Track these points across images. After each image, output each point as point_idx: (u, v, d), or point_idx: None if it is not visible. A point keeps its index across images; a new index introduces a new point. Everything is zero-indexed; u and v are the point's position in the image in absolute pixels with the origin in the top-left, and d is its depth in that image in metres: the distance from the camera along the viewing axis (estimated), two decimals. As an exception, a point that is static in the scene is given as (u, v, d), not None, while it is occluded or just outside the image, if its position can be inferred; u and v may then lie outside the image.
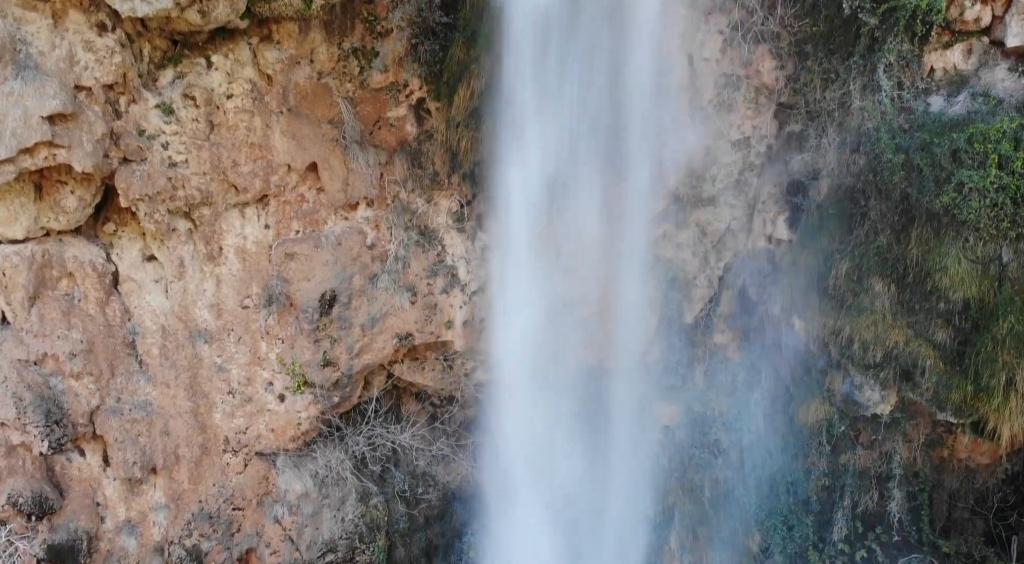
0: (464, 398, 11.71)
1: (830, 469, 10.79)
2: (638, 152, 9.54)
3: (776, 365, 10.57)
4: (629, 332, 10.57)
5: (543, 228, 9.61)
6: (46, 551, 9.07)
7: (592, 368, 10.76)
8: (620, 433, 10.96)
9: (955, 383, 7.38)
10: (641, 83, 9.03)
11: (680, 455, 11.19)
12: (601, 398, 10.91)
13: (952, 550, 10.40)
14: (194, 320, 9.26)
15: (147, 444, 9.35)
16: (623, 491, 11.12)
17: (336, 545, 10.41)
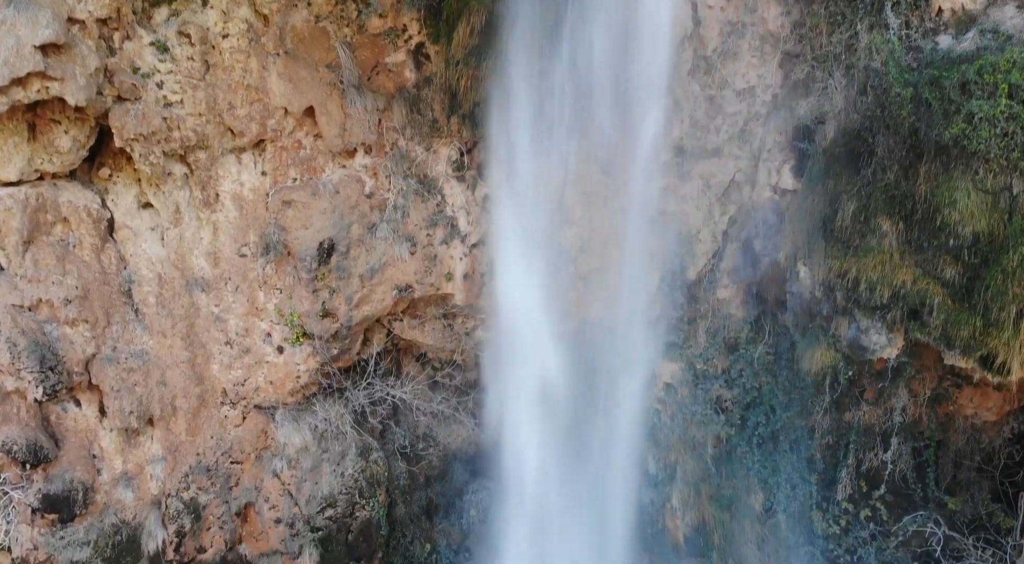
0: (465, 361, 11.58)
1: (834, 427, 10.63)
2: (643, 100, 9.37)
3: (780, 319, 10.42)
4: (631, 288, 10.40)
5: (545, 177, 9.46)
6: (41, 500, 8.94)
7: (594, 323, 10.60)
8: (622, 390, 10.81)
9: (964, 319, 7.21)
10: (652, 28, 8.84)
11: (682, 412, 11.04)
12: (603, 354, 10.75)
13: (958, 507, 10.23)
14: (191, 268, 9.11)
15: (144, 394, 9.21)
16: (625, 448, 10.98)
17: (336, 500, 10.27)
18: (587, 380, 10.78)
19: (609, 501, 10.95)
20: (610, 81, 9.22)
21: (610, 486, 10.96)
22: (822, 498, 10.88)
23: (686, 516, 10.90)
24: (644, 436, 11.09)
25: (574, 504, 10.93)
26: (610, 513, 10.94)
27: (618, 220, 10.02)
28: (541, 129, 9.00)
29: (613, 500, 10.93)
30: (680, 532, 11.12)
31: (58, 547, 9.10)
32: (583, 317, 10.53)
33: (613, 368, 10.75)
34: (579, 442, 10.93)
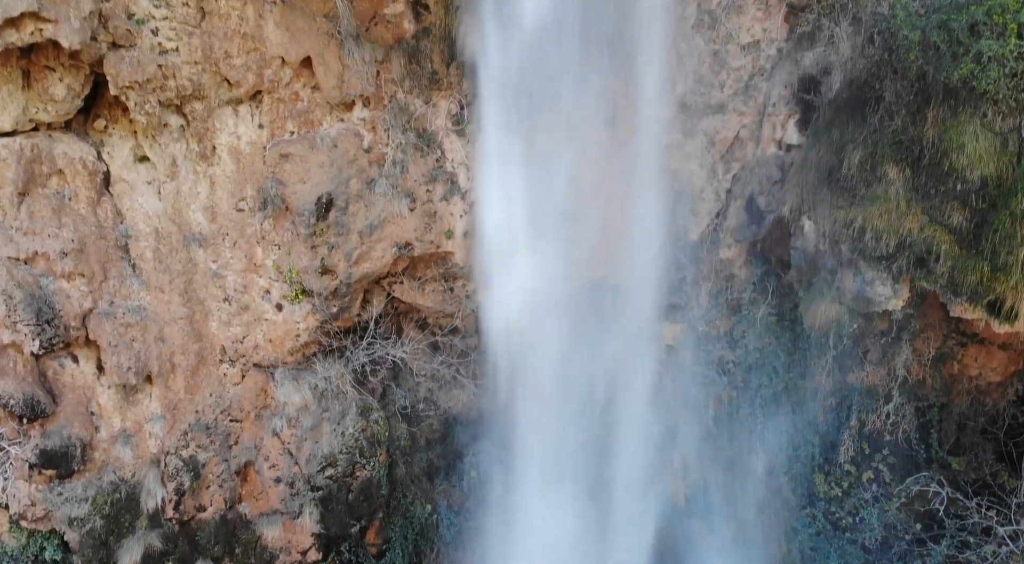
0: (465, 326, 11.46)
1: (837, 388, 10.54)
2: (646, 55, 9.21)
3: (784, 279, 10.30)
4: (633, 248, 10.26)
5: (547, 132, 9.30)
6: (38, 456, 8.86)
7: (596, 283, 10.48)
8: (623, 353, 10.70)
9: (971, 265, 7.07)
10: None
11: (684, 374, 10.94)
12: (604, 316, 10.64)
13: (962, 467, 10.15)
14: (188, 223, 8.98)
15: (141, 350, 9.10)
16: (626, 411, 10.89)
17: (336, 459, 10.20)
18: (589, 344, 10.68)
19: (612, 463, 10.88)
20: (613, 35, 9.06)
21: (612, 448, 10.89)
22: (824, 460, 10.80)
23: (688, 476, 10.83)
24: (646, 398, 11.01)
25: (576, 468, 10.86)
26: (612, 474, 10.87)
27: (621, 178, 9.87)
28: (544, 80, 8.84)
29: (615, 461, 10.86)
30: (682, 493, 11.05)
31: (56, 503, 9.03)
32: (584, 278, 10.40)
33: (614, 331, 10.65)
34: (581, 405, 10.85)
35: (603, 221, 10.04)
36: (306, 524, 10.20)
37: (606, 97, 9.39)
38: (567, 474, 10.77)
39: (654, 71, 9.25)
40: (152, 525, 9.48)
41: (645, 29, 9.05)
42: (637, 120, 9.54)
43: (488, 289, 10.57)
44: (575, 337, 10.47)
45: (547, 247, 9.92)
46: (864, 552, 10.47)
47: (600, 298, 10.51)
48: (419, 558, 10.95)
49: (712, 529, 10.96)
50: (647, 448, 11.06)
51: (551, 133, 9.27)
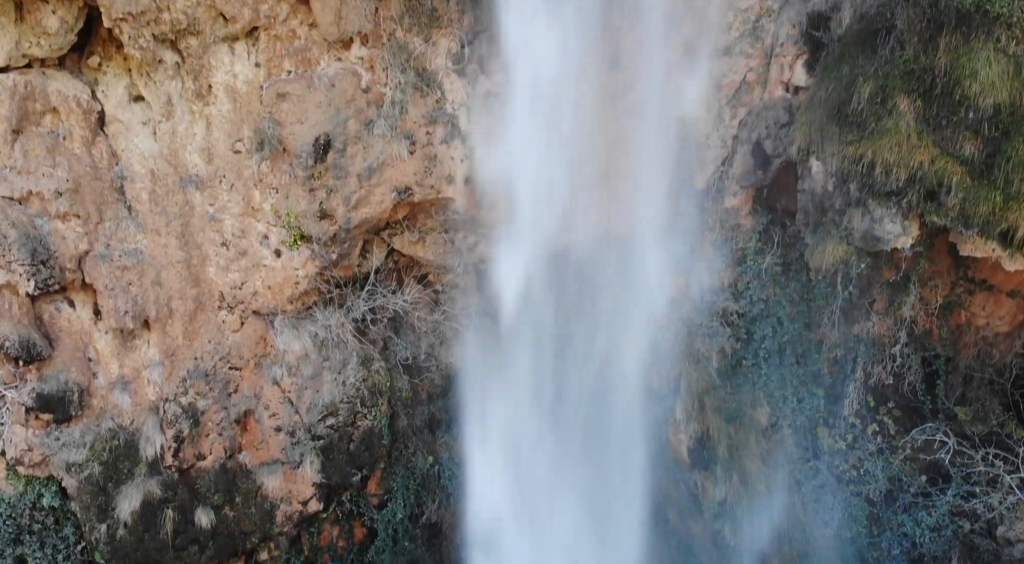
0: (466, 283, 11.29)
1: (842, 340, 10.33)
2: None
3: (789, 228, 10.09)
4: (637, 197, 10.03)
5: (549, 72, 9.06)
6: (35, 399, 8.71)
7: (598, 235, 10.27)
8: (625, 305, 10.52)
9: (983, 195, 6.85)
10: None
11: (687, 326, 10.74)
12: (606, 269, 10.45)
13: (968, 417, 9.95)
14: (184, 165, 8.78)
15: (138, 294, 8.94)
16: (627, 363, 10.73)
17: (337, 409, 10.05)
18: (591, 297, 10.51)
19: (613, 414, 10.73)
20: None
21: (613, 400, 10.74)
22: (828, 413, 10.62)
23: (689, 428, 10.65)
24: (648, 350, 10.84)
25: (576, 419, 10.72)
26: (614, 426, 10.73)
27: (625, 123, 9.64)
28: (547, 19, 8.59)
29: (616, 412, 10.71)
30: (683, 446, 10.89)
31: (53, 448, 8.91)
32: (587, 227, 10.20)
33: (616, 283, 10.46)
34: (582, 358, 10.69)
35: (606, 168, 9.83)
36: (307, 473, 10.09)
37: (612, 40, 9.14)
38: (567, 426, 10.64)
39: (659, 12, 8.99)
40: (151, 472, 9.35)
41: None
42: (642, 63, 9.29)
43: (489, 241, 10.40)
44: (576, 291, 10.29)
45: (549, 196, 9.72)
46: (869, 504, 10.32)
47: (602, 250, 10.31)
48: (421, 509, 10.84)
49: (715, 481, 10.81)
50: (647, 400, 10.91)
51: (556, 72, 9.02)
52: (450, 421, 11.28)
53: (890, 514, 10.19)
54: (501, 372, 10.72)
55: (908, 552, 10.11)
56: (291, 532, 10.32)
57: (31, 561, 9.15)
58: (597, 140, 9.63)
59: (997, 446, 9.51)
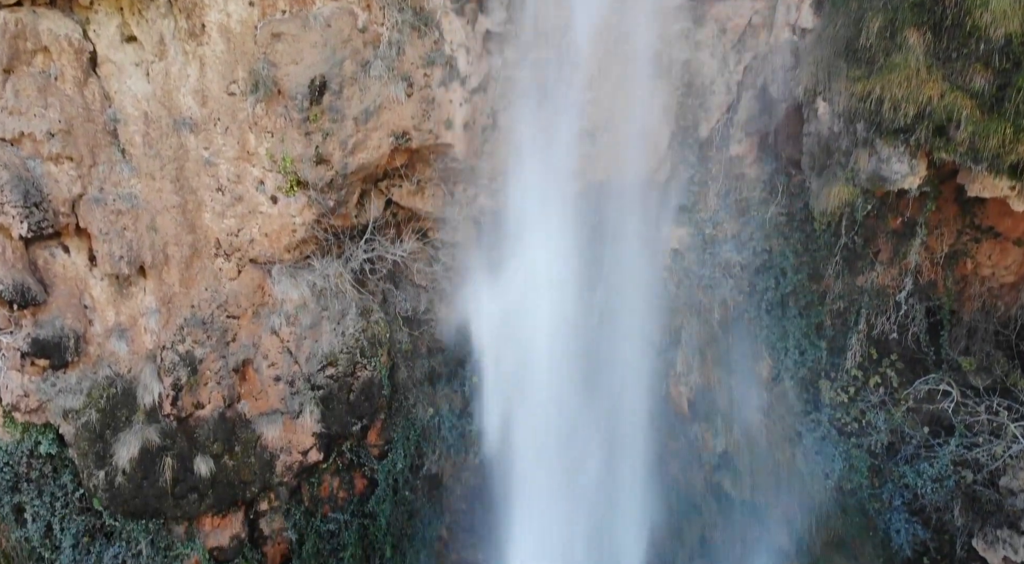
0: (466, 238, 11.13)
1: (846, 291, 10.14)
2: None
3: (794, 178, 9.89)
4: (640, 145, 9.79)
5: (550, 12, 8.81)
6: (30, 344, 8.59)
7: (600, 185, 10.03)
8: (627, 257, 10.35)
9: (993, 128, 6.63)
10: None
11: (689, 278, 10.57)
12: (608, 220, 10.27)
13: (973, 367, 9.79)
14: (178, 107, 8.57)
15: (134, 239, 8.78)
16: (629, 316, 10.58)
17: (336, 359, 9.93)
18: (592, 247, 10.31)
19: (614, 367, 10.61)
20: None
21: (615, 353, 10.61)
22: (830, 366, 10.46)
23: (690, 380, 10.53)
24: (649, 303, 10.70)
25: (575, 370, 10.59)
26: (615, 379, 10.61)
27: (628, 67, 9.39)
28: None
29: (618, 366, 10.59)
30: (684, 398, 10.77)
31: (50, 394, 8.80)
32: (589, 178, 10.00)
33: (618, 234, 10.28)
34: (582, 309, 10.53)
35: (608, 114, 9.60)
36: (307, 423, 10.00)
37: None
38: (566, 379, 10.50)
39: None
40: (149, 420, 9.25)
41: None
42: (646, 3, 9.03)
43: (489, 192, 10.22)
44: (576, 243, 10.11)
45: (551, 142, 9.52)
46: (870, 456, 10.20)
47: (603, 202, 10.12)
48: (421, 459, 10.77)
49: (715, 433, 10.72)
50: (648, 352, 10.79)
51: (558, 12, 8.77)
52: (450, 375, 11.19)
53: (891, 466, 10.08)
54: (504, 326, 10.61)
55: (909, 503, 10.02)
56: (291, 482, 10.26)
57: (29, 509, 9.09)
58: (600, 86, 9.40)
59: (1001, 395, 9.36)
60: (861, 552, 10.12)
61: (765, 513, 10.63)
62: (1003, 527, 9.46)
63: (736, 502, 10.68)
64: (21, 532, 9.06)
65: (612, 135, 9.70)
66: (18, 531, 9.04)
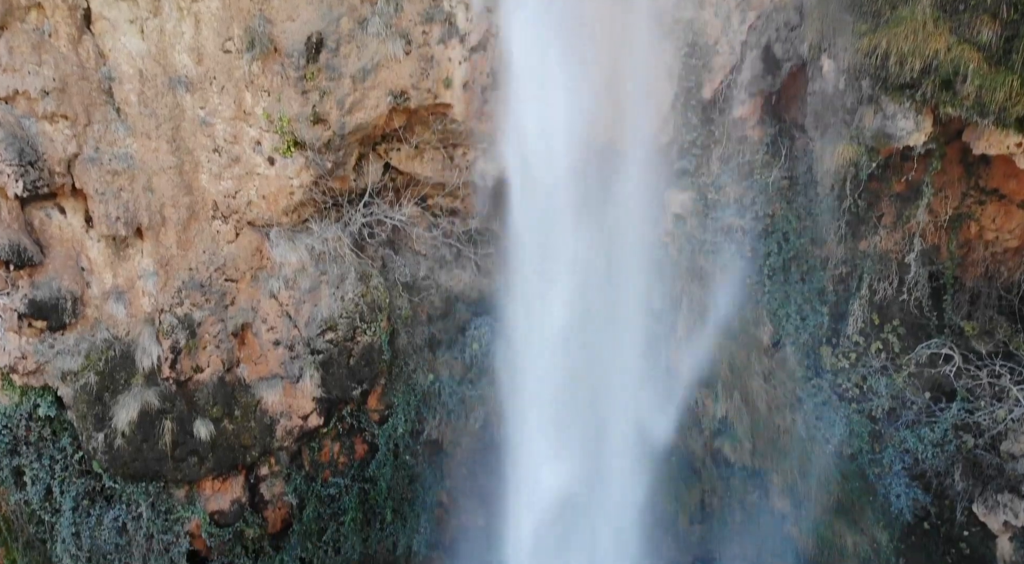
0: (466, 207, 11.05)
1: (849, 256, 10.06)
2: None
3: (798, 140, 9.77)
4: (642, 106, 9.68)
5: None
6: (27, 306, 8.53)
7: (601, 149, 9.93)
8: (627, 224, 10.27)
9: (999, 81, 6.51)
10: None
11: (690, 243, 10.50)
12: (610, 185, 10.16)
13: (975, 331, 9.74)
14: (173, 65, 8.44)
15: (130, 200, 8.69)
16: (629, 281, 10.52)
17: (336, 323, 9.88)
18: (593, 214, 10.23)
19: (615, 330, 10.55)
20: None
21: (615, 318, 10.54)
22: (832, 332, 10.41)
23: (691, 343, 10.50)
24: (650, 268, 10.63)
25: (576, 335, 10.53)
26: (615, 343, 10.56)
27: (630, 26, 9.23)
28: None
29: (618, 329, 10.53)
30: (685, 362, 10.75)
31: (48, 355, 8.75)
32: (591, 141, 9.88)
33: (620, 199, 10.18)
34: (583, 276, 10.46)
35: (611, 74, 9.46)
36: (307, 388, 9.96)
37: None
38: (566, 344, 10.46)
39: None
40: (148, 383, 9.21)
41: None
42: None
43: (489, 157, 10.12)
44: (577, 209, 10.01)
45: (551, 105, 9.39)
46: (871, 421, 10.16)
47: (604, 166, 10.01)
48: (421, 424, 10.74)
49: (715, 399, 10.69)
50: (648, 317, 10.73)
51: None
52: (451, 341, 11.14)
53: (892, 431, 10.04)
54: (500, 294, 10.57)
55: (909, 468, 9.99)
56: (291, 447, 10.25)
57: (28, 472, 9.08)
58: (601, 45, 9.25)
59: (1004, 359, 9.31)
60: (861, 517, 10.12)
61: (765, 478, 10.62)
62: (1004, 491, 9.44)
63: (736, 467, 10.67)
64: (20, 495, 9.05)
65: (614, 97, 9.57)
66: (17, 494, 9.03)
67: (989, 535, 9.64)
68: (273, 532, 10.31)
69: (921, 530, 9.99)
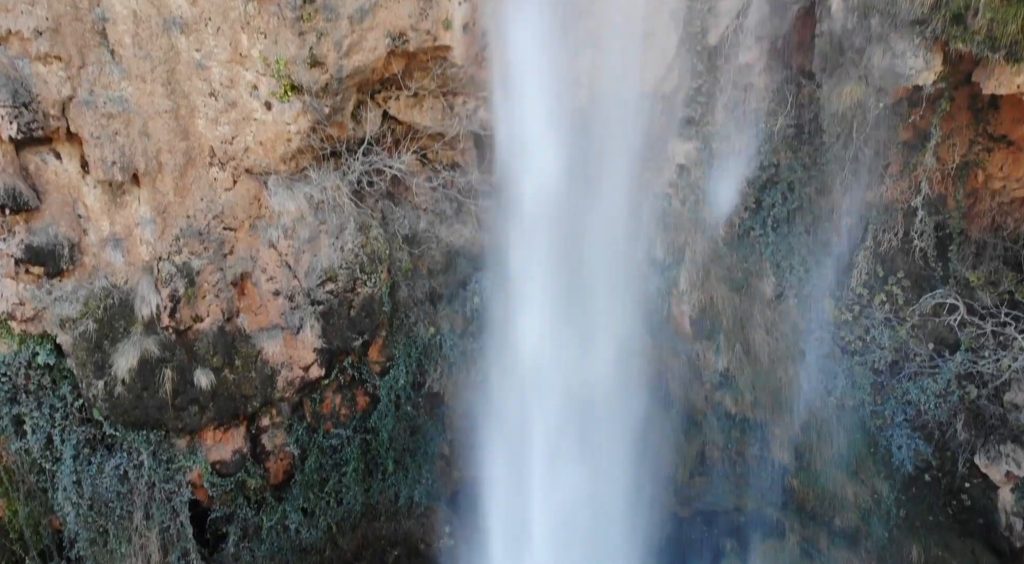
0: (465, 161, 10.92)
1: (854, 206, 9.94)
2: None
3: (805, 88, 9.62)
4: (647, 52, 9.54)
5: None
6: (24, 251, 8.44)
7: (603, 97, 9.79)
8: (629, 175, 10.14)
9: (1011, 13, 6.33)
10: None
11: (694, 194, 10.40)
12: (613, 134, 10.01)
13: (980, 281, 9.67)
14: (167, 6, 8.24)
15: (125, 144, 8.56)
16: (632, 234, 10.42)
17: (336, 274, 9.80)
18: (594, 165, 10.09)
19: (616, 286, 10.48)
20: None
21: (615, 272, 10.46)
22: (836, 284, 10.34)
23: (692, 298, 10.39)
24: (653, 222, 10.53)
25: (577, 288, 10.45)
26: (615, 298, 10.49)
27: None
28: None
29: (618, 284, 10.45)
30: (685, 317, 10.64)
31: (46, 301, 8.69)
32: (594, 88, 9.72)
33: (621, 152, 10.04)
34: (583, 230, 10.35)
35: (614, 19, 9.27)
36: (307, 338, 9.91)
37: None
38: (565, 298, 10.36)
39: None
40: (148, 332, 9.15)
41: None
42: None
43: (489, 105, 9.96)
44: (576, 161, 9.86)
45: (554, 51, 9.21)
46: (873, 373, 10.12)
47: (608, 114, 9.85)
48: (422, 377, 10.71)
49: (716, 352, 10.65)
50: (653, 271, 10.65)
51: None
52: (451, 295, 11.08)
53: (895, 383, 10.01)
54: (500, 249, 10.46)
55: (911, 420, 9.98)
56: (293, 399, 10.24)
57: (29, 421, 9.05)
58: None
59: (1009, 307, 9.25)
60: (862, 468, 10.13)
61: (765, 430, 10.62)
62: (1007, 442, 9.44)
63: (736, 419, 10.67)
64: (21, 444, 9.05)
65: (619, 42, 9.38)
66: (17, 443, 9.03)
67: (991, 486, 9.65)
68: (275, 483, 10.34)
69: (922, 482, 10.01)
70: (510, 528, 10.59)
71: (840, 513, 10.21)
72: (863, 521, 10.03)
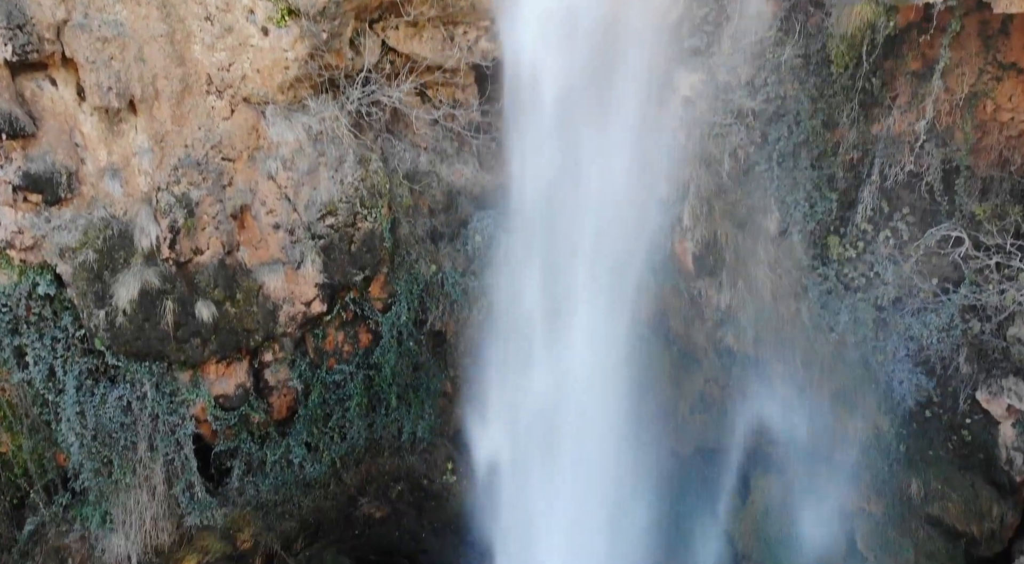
0: (466, 99, 10.77)
1: (860, 139, 9.83)
2: None
3: (812, 16, 9.43)
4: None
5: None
6: (22, 178, 8.34)
7: (607, 25, 9.59)
8: (633, 105, 9.98)
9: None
10: None
11: (699, 128, 10.25)
12: (615, 67, 9.83)
13: (987, 214, 9.58)
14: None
15: (121, 69, 8.42)
16: (635, 171, 10.29)
17: (336, 208, 9.71)
18: (597, 95, 9.92)
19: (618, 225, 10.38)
20: None
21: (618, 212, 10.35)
22: (840, 220, 10.27)
23: (696, 234, 10.31)
24: (656, 154, 10.39)
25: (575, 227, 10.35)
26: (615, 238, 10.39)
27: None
28: None
29: (619, 225, 10.35)
30: (688, 254, 10.57)
31: (45, 229, 8.62)
32: (595, 14, 9.50)
33: (625, 81, 9.87)
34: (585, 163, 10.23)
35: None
36: (309, 273, 9.87)
37: None
38: (567, 235, 10.29)
39: None
40: (148, 263, 9.08)
41: None
42: None
43: (491, 35, 9.79)
44: (577, 92, 9.70)
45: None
46: (876, 309, 10.08)
47: (608, 45, 9.66)
48: (424, 314, 10.69)
49: (719, 288, 10.60)
50: (656, 209, 10.55)
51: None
52: (453, 235, 11.00)
53: (897, 318, 9.97)
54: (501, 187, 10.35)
55: (914, 355, 9.95)
56: (295, 334, 10.23)
57: (30, 352, 9.05)
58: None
59: (1015, 237, 9.17)
60: (862, 403, 10.13)
61: (767, 367, 10.61)
62: (1009, 376, 9.44)
63: (738, 356, 10.65)
64: (23, 375, 9.06)
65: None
66: (20, 374, 9.04)
67: (992, 422, 9.67)
68: (279, 418, 10.38)
69: (923, 417, 10.02)
70: (511, 465, 10.67)
71: (840, 447, 10.25)
72: (863, 455, 10.07)
